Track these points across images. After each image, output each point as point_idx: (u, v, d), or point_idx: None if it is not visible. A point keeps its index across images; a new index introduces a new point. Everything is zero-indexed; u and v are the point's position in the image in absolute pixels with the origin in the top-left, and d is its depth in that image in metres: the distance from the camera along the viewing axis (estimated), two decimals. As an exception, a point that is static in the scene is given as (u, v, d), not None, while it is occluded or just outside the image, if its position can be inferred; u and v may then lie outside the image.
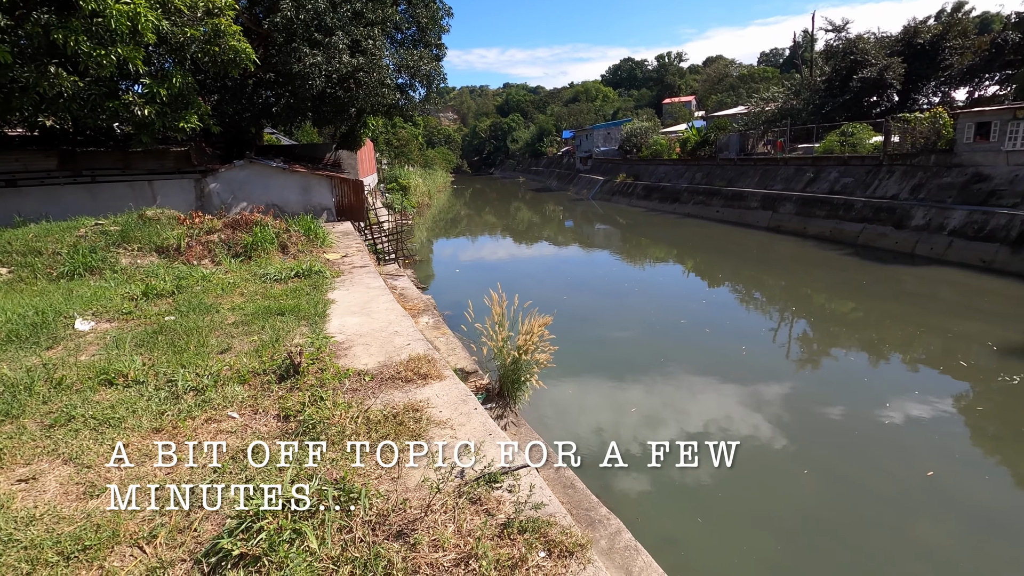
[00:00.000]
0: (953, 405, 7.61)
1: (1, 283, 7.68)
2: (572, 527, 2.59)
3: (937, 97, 27.42)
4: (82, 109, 10.26)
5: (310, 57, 13.46)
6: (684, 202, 28.58)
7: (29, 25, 8.94)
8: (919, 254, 15.85)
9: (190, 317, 5.99)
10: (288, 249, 9.84)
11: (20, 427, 3.69)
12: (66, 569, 2.44)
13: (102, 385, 4.28)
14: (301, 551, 2.39)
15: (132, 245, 9.09)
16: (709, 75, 68.51)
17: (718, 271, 17.56)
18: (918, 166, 17.84)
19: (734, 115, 36.52)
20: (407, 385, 4.24)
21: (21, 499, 2.97)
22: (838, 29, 30.74)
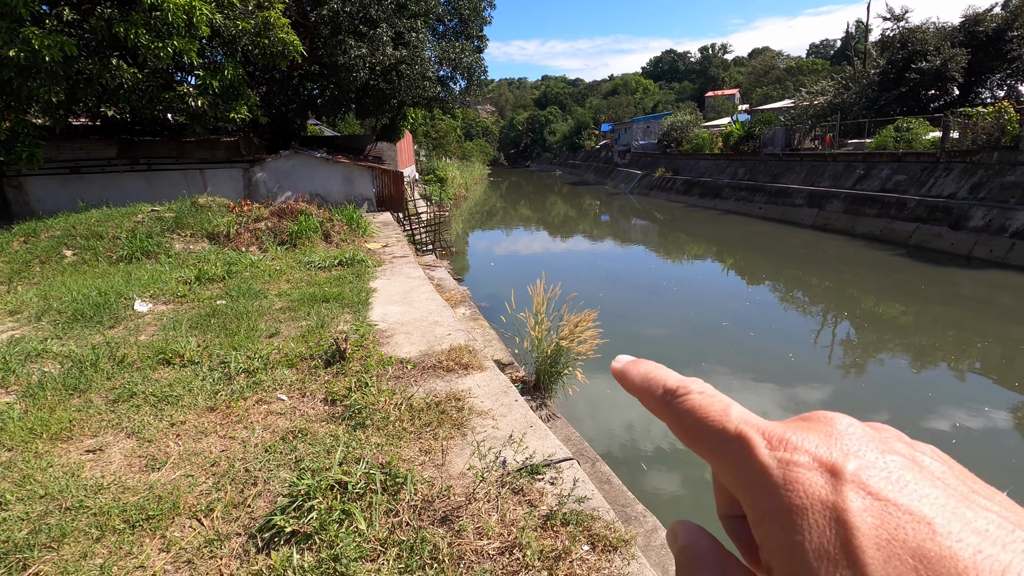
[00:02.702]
0: (1011, 417, 7.24)
1: (67, 265, 8.13)
2: (615, 522, 2.59)
3: (1002, 91, 25.88)
4: (140, 100, 10.72)
5: (355, 49, 13.68)
6: (725, 198, 27.91)
7: (93, 19, 9.37)
8: (977, 256, 15.06)
9: (240, 302, 6.21)
10: (331, 238, 10.07)
11: (87, 401, 3.91)
12: (132, 536, 2.58)
13: (160, 364, 4.50)
14: (350, 531, 2.47)
15: (185, 231, 9.47)
16: (755, 67, 66.44)
17: (761, 270, 17.11)
18: (979, 164, 16.91)
19: (780, 109, 35.34)
20: (448, 374, 4.30)
21: (90, 468, 3.15)
22: (897, 18, 29.30)
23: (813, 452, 0.27)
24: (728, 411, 0.30)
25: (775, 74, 57.16)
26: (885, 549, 0.23)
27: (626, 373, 0.35)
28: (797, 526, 0.25)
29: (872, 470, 0.26)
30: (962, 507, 0.24)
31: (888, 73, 26.33)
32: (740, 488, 0.28)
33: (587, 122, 71.30)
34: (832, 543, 0.24)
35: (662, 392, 0.33)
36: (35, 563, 2.42)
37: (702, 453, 0.30)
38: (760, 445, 0.27)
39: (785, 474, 0.26)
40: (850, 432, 0.28)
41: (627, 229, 27.56)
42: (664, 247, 21.76)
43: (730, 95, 65.23)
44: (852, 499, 0.24)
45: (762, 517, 0.26)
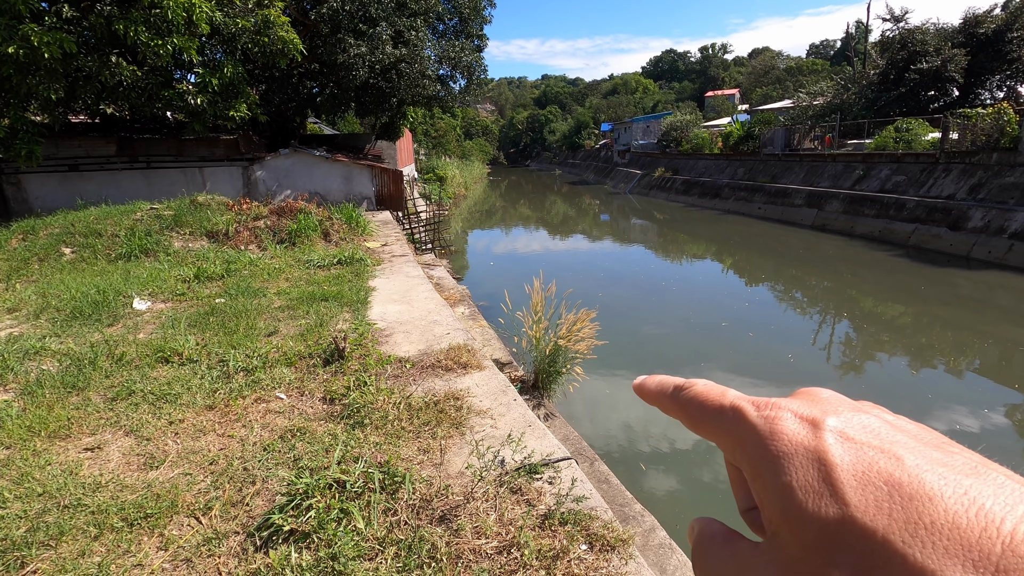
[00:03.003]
0: (1007, 418, 7.25)
1: (65, 262, 8.12)
2: (613, 522, 2.59)
3: (1002, 92, 25.90)
4: (140, 97, 10.71)
5: (354, 48, 13.67)
6: (725, 198, 27.92)
7: (93, 16, 9.36)
8: (976, 257, 15.08)
9: (239, 300, 6.21)
10: (330, 236, 10.07)
11: (85, 399, 3.91)
12: (130, 535, 2.58)
13: (159, 362, 4.49)
14: (348, 530, 2.47)
15: (184, 229, 9.46)
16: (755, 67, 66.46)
17: (760, 270, 17.13)
18: (978, 165, 16.93)
19: (779, 109, 35.36)
20: (447, 374, 4.30)
21: (88, 467, 3.15)
22: (896, 19, 29.32)
23: (795, 410, 0.30)
24: (725, 393, 0.34)
25: (775, 74, 57.19)
26: (861, 479, 0.26)
27: (644, 385, 0.40)
28: (784, 469, 0.28)
29: (849, 423, 0.29)
30: (930, 449, 0.28)
31: (888, 74, 26.35)
32: (738, 451, 0.31)
33: (587, 122, 71.30)
34: (815, 479, 0.27)
35: (672, 389, 0.37)
36: (33, 561, 2.41)
37: (707, 433, 0.33)
38: (750, 410, 0.31)
39: (771, 427, 0.29)
40: (831, 398, 0.32)
41: (626, 229, 27.57)
42: (663, 247, 21.77)
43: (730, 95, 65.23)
44: (831, 442, 0.28)
45: (756, 471, 0.29)
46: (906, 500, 0.25)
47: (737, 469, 0.34)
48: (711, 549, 0.32)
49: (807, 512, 0.26)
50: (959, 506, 0.24)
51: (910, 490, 0.25)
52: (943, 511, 0.24)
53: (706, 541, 0.33)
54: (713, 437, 0.33)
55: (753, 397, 0.32)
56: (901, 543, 0.24)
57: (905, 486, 0.25)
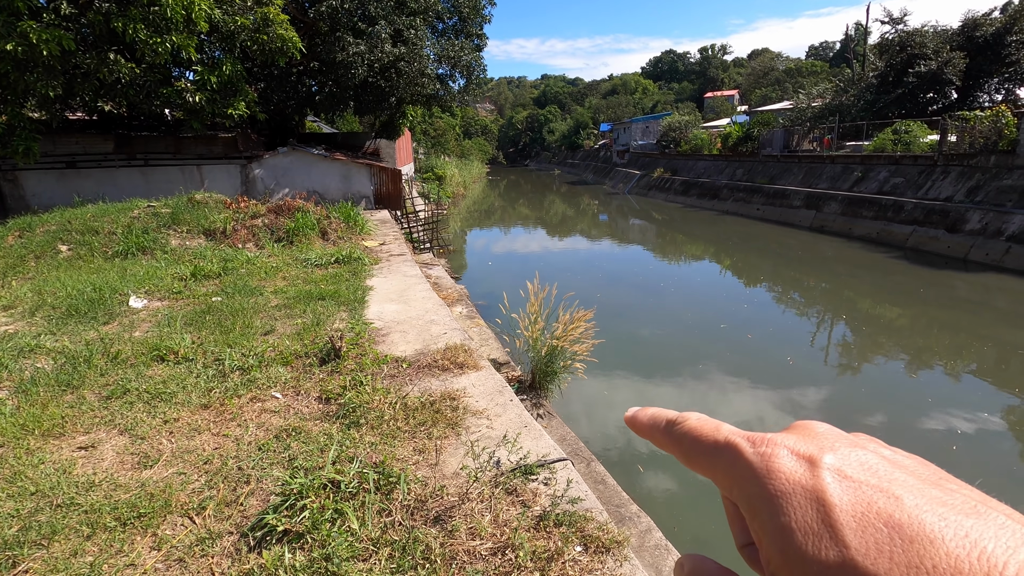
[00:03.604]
0: (1004, 419, 7.26)
1: (61, 260, 8.09)
2: (609, 523, 2.58)
3: (1000, 95, 25.95)
4: (138, 95, 10.68)
5: (353, 46, 13.65)
6: (723, 199, 27.95)
7: (91, 14, 9.33)
8: (973, 260, 15.11)
9: (236, 299, 6.19)
10: (328, 235, 10.05)
11: (80, 397, 3.89)
12: (123, 534, 2.57)
13: (155, 361, 4.48)
14: (343, 531, 2.46)
15: (181, 227, 9.44)
16: (754, 69, 66.54)
17: (758, 271, 17.14)
18: (976, 167, 16.97)
19: (779, 110, 35.40)
20: (444, 373, 4.29)
21: (81, 466, 3.14)
22: (895, 21, 29.36)
23: (792, 447, 0.30)
24: (719, 428, 0.33)
25: (774, 75, 57.25)
26: (860, 520, 0.25)
27: (636, 418, 0.40)
28: (783, 509, 0.27)
29: (846, 460, 0.29)
30: (929, 487, 0.27)
31: (887, 76, 26.39)
32: (734, 488, 0.30)
33: (586, 121, 71.32)
34: (814, 519, 0.26)
35: (665, 424, 0.37)
36: (25, 560, 2.40)
37: (702, 469, 0.33)
38: (746, 447, 0.31)
39: (768, 465, 0.29)
40: (827, 433, 0.32)
41: (625, 229, 27.58)
42: (662, 247, 21.78)
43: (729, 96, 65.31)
44: (829, 481, 0.27)
45: (753, 509, 0.29)
46: (907, 543, 0.24)
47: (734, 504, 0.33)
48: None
49: (807, 554, 0.25)
50: (960, 550, 0.23)
51: (911, 532, 0.24)
52: (944, 555, 0.23)
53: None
54: (709, 473, 0.32)
55: (748, 433, 0.32)
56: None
57: (905, 528, 0.24)
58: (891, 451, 0.31)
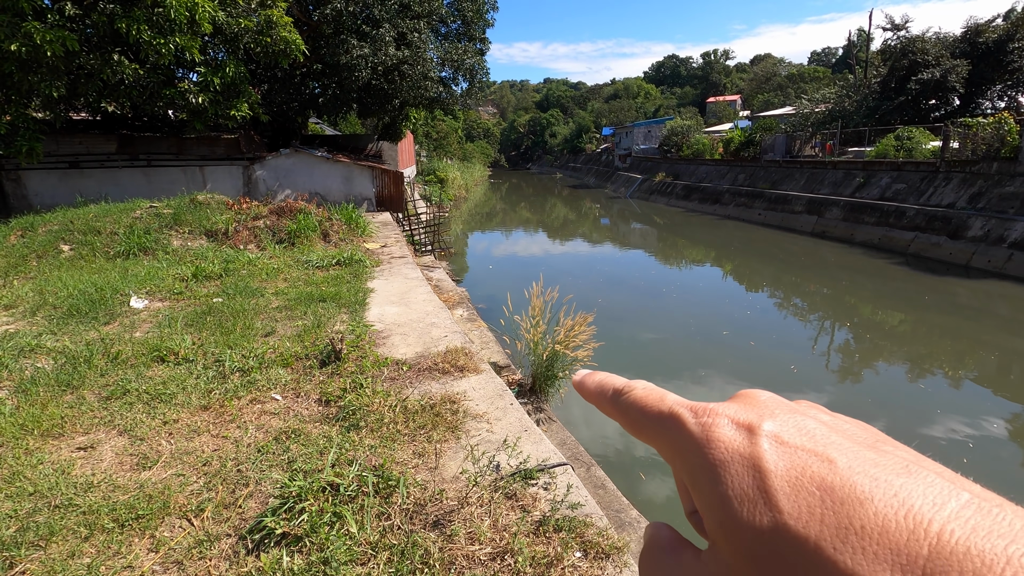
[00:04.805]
0: (1006, 427, 7.23)
1: (63, 260, 8.10)
2: (608, 529, 2.57)
3: (1003, 101, 25.95)
4: (141, 96, 10.71)
5: (357, 49, 13.69)
6: (725, 203, 27.95)
7: (95, 15, 9.36)
8: (975, 266, 15.09)
9: (237, 300, 6.19)
10: (330, 237, 10.05)
11: (80, 397, 3.89)
12: (120, 536, 2.56)
13: (155, 361, 4.47)
14: (341, 534, 2.45)
15: (183, 228, 9.45)
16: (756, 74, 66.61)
17: (760, 276, 17.12)
18: (978, 174, 16.96)
19: (781, 116, 35.43)
20: (444, 377, 4.28)
21: (80, 466, 3.13)
22: (897, 27, 29.41)
23: (732, 416, 0.30)
24: (664, 399, 0.33)
25: (776, 81, 57.28)
26: (794, 485, 0.26)
27: (583, 383, 0.39)
28: (720, 477, 0.27)
29: (784, 426, 0.29)
30: (864, 450, 0.27)
31: (889, 82, 26.41)
32: (677, 458, 0.30)
33: (588, 125, 71.42)
34: (750, 486, 0.26)
35: (612, 393, 0.37)
36: (22, 561, 2.39)
37: (647, 439, 0.33)
38: (688, 417, 0.31)
39: (708, 434, 0.29)
40: (768, 401, 0.32)
41: (626, 233, 27.57)
42: (663, 252, 21.77)
43: (731, 101, 65.41)
44: (766, 448, 0.27)
45: (695, 479, 0.29)
46: (838, 505, 0.24)
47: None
48: (656, 557, 0.32)
49: (742, 521, 0.26)
50: (888, 509, 0.24)
51: (842, 494, 0.25)
52: (873, 514, 0.23)
53: (652, 549, 0.33)
54: (653, 444, 0.32)
55: (692, 403, 0.32)
56: (832, 550, 0.23)
57: (837, 490, 0.25)
58: (831, 416, 0.31)
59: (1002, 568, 0.21)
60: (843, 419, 0.31)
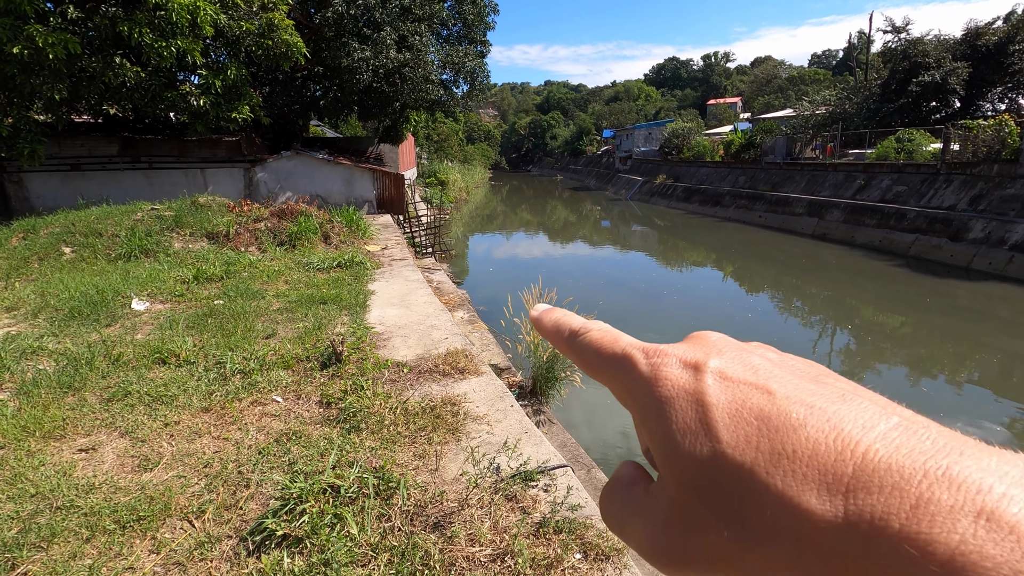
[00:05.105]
0: (1007, 429, 7.23)
1: (65, 262, 8.12)
2: (608, 531, 2.57)
3: (1003, 104, 25.96)
4: (143, 98, 10.74)
5: (358, 52, 13.73)
6: (726, 206, 27.96)
7: (98, 18, 9.40)
8: (976, 268, 15.08)
9: (238, 302, 6.20)
10: (331, 239, 10.07)
11: (81, 399, 3.90)
12: (122, 537, 2.57)
13: (156, 363, 4.48)
14: (342, 536, 2.45)
15: (184, 230, 9.47)
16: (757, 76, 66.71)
17: (761, 279, 17.12)
18: (979, 176, 16.96)
19: (781, 118, 35.45)
20: (445, 379, 4.29)
21: (82, 468, 3.14)
22: (898, 30, 29.42)
23: (680, 355, 0.30)
24: (618, 340, 0.34)
25: (777, 83, 57.36)
26: (734, 416, 0.26)
27: (541, 320, 0.40)
28: (666, 413, 0.28)
29: (730, 362, 0.29)
30: (805, 382, 0.28)
31: (890, 84, 26.42)
32: (629, 398, 0.31)
33: (589, 128, 71.50)
34: (693, 420, 0.27)
35: (568, 334, 0.37)
36: (24, 562, 2.40)
37: (601, 378, 0.34)
38: (640, 358, 0.31)
39: (656, 373, 0.30)
40: (718, 341, 0.32)
41: (627, 235, 27.59)
42: (664, 254, 21.78)
43: (732, 103, 65.48)
44: (710, 383, 0.28)
45: (643, 417, 0.30)
46: (773, 432, 0.25)
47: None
48: (613, 490, 0.33)
49: (684, 452, 0.27)
50: (819, 434, 0.24)
51: (777, 422, 0.25)
52: (804, 439, 0.24)
53: (613, 483, 0.33)
54: (607, 384, 0.33)
55: (645, 344, 0.33)
56: (765, 474, 0.24)
57: (773, 419, 0.26)
58: (778, 355, 0.32)
59: (919, 480, 0.21)
60: (791, 357, 0.31)
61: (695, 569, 0.26)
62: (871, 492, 0.22)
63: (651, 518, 0.29)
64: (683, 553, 0.27)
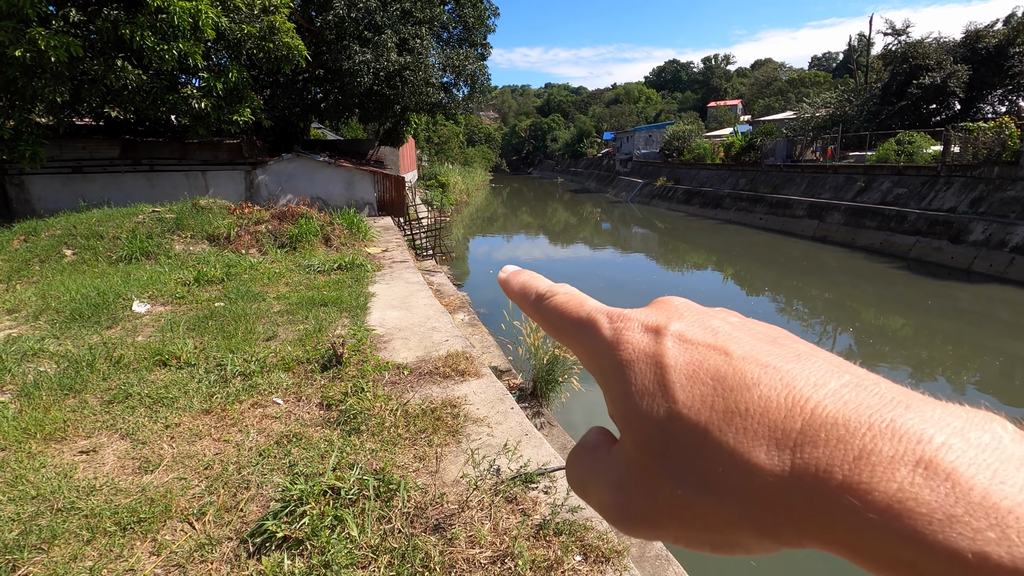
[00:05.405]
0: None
1: (66, 264, 8.13)
2: (608, 532, 2.57)
3: (1003, 106, 25.97)
4: (144, 101, 10.77)
5: (359, 55, 13.76)
6: (726, 208, 27.97)
7: (99, 21, 9.43)
8: (976, 271, 15.07)
9: (238, 304, 6.21)
10: (331, 241, 10.08)
11: (82, 401, 3.91)
12: (122, 539, 2.57)
13: (157, 366, 4.49)
14: (342, 538, 2.45)
15: (185, 232, 9.48)
16: (757, 79, 66.77)
17: (761, 281, 17.12)
18: (979, 178, 16.96)
19: (781, 120, 35.47)
20: (445, 381, 4.29)
21: (82, 470, 3.14)
22: (898, 32, 29.46)
23: (643, 320, 0.31)
24: (584, 304, 0.34)
25: (777, 86, 57.40)
26: (691, 377, 0.27)
27: (508, 282, 0.40)
28: (626, 375, 0.28)
29: (690, 325, 0.30)
30: (763, 344, 0.28)
31: (890, 87, 26.44)
32: (592, 361, 0.31)
33: (589, 130, 71.58)
34: (652, 381, 0.27)
35: (535, 297, 0.37)
36: (25, 564, 2.40)
37: (566, 343, 0.34)
38: (604, 322, 0.31)
39: (618, 336, 0.30)
40: (681, 306, 0.32)
41: (628, 237, 27.60)
42: (664, 256, 21.78)
43: (732, 106, 65.52)
44: (669, 346, 0.28)
45: (605, 380, 0.30)
46: (727, 391, 0.25)
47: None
48: (578, 456, 0.33)
49: (642, 413, 0.27)
50: (772, 392, 0.25)
51: (732, 382, 0.26)
52: (757, 397, 0.25)
53: (577, 448, 0.34)
54: (572, 347, 0.33)
55: (610, 309, 0.33)
56: (718, 432, 0.25)
57: (728, 379, 0.26)
58: (741, 319, 0.32)
59: (863, 433, 0.22)
60: (754, 321, 0.32)
61: (651, 526, 0.27)
62: (817, 445, 0.22)
63: (610, 478, 0.29)
64: (640, 511, 0.27)
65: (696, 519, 0.25)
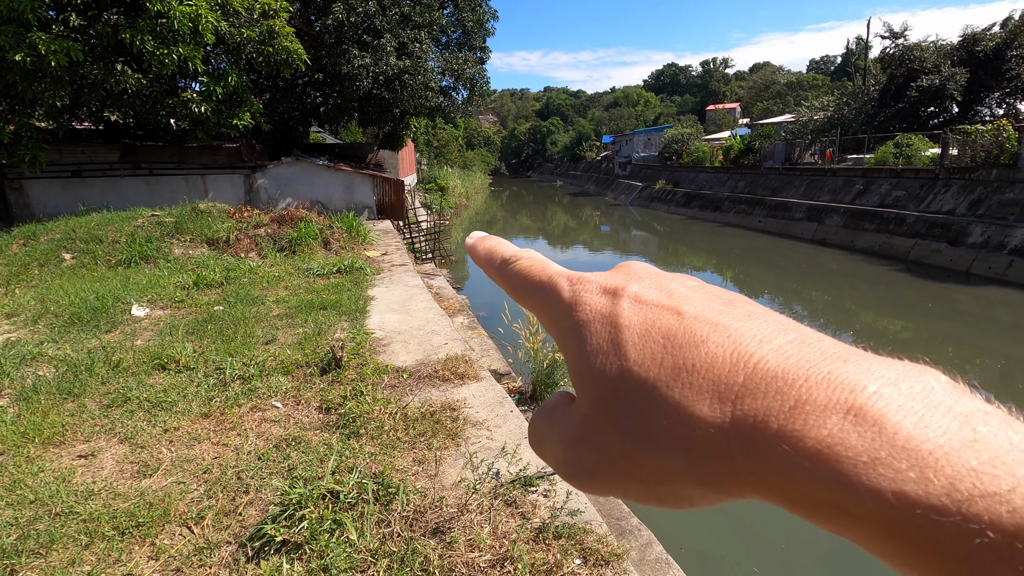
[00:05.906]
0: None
1: (65, 268, 8.13)
2: (608, 536, 2.57)
3: (1001, 109, 26.05)
4: (144, 105, 10.78)
5: (358, 59, 13.79)
6: (725, 211, 28.01)
7: (100, 25, 9.45)
8: (975, 273, 15.09)
9: (237, 308, 6.20)
10: (331, 245, 10.09)
11: (81, 405, 3.90)
12: (121, 543, 2.57)
13: (156, 369, 4.48)
14: (341, 542, 2.45)
15: (185, 236, 9.48)
16: (755, 82, 66.92)
17: (761, 283, 17.13)
18: (977, 181, 17.00)
19: (780, 123, 35.56)
20: (444, 384, 4.29)
21: (81, 474, 3.14)
22: (896, 35, 29.58)
23: (601, 282, 0.31)
24: (547, 268, 0.34)
25: (776, 89, 57.53)
26: (643, 336, 0.27)
27: (475, 248, 0.40)
28: (583, 336, 0.29)
29: (646, 287, 0.30)
30: (717, 304, 0.28)
31: (888, 90, 26.52)
32: (552, 323, 0.32)
33: (588, 133, 71.70)
34: (606, 341, 0.28)
35: (500, 262, 0.37)
36: (23, 569, 2.39)
37: (529, 306, 0.35)
38: (564, 285, 0.32)
39: (576, 298, 0.31)
40: (640, 269, 0.33)
41: (627, 240, 27.62)
42: (664, 258, 21.79)
43: (731, 109, 65.64)
44: (625, 307, 0.29)
45: (563, 341, 0.31)
46: (677, 349, 0.26)
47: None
48: (538, 416, 0.34)
49: (595, 371, 0.28)
50: (719, 348, 0.25)
51: (682, 339, 0.26)
52: (704, 354, 0.25)
53: (539, 410, 0.34)
54: (533, 310, 0.34)
55: (571, 272, 0.33)
56: (665, 387, 0.25)
57: (679, 337, 0.26)
58: (699, 283, 0.32)
59: (800, 384, 0.22)
60: (713, 286, 0.32)
61: (601, 481, 0.28)
62: (756, 397, 0.23)
63: (565, 435, 0.30)
64: (590, 466, 0.28)
65: (642, 472, 0.26)
